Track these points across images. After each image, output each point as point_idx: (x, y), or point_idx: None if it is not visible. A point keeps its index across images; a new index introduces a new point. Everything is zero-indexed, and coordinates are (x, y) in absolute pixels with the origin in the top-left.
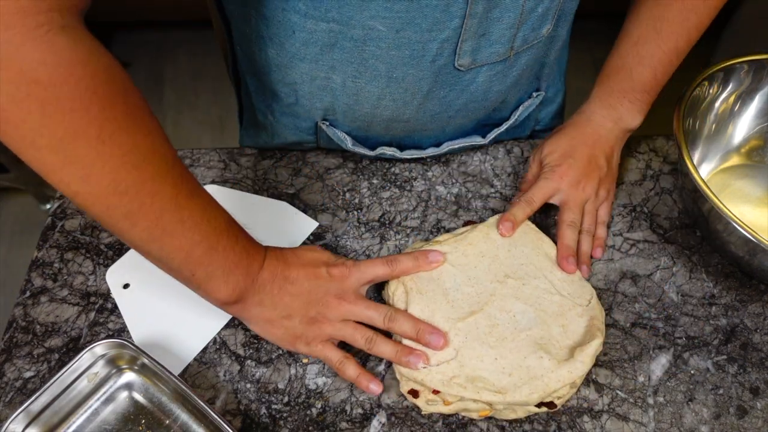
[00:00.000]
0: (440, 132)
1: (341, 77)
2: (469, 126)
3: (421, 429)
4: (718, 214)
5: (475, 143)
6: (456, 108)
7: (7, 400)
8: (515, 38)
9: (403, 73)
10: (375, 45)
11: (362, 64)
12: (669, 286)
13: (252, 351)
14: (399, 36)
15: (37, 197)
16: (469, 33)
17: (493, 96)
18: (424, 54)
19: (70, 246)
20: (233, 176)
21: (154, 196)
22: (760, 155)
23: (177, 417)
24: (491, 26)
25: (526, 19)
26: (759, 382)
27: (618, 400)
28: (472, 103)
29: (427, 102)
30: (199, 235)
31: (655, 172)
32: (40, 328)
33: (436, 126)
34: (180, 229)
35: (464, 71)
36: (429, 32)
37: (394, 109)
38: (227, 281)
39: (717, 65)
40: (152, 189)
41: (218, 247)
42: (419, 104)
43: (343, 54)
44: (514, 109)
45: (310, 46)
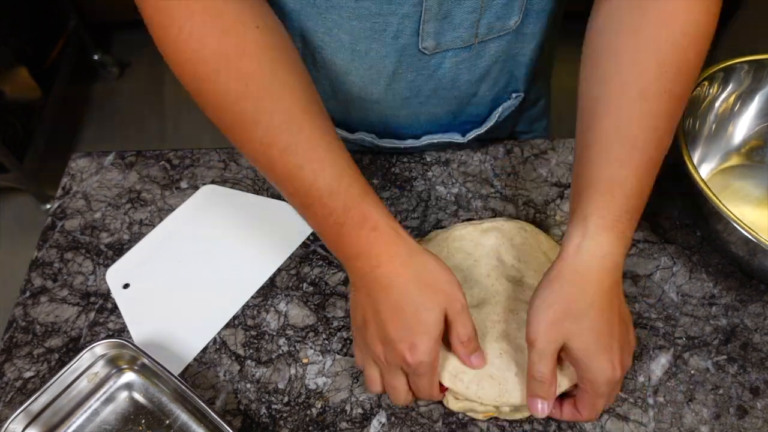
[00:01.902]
0: (415, 120)
1: (310, 48)
2: (444, 118)
3: (421, 429)
4: (718, 214)
5: (454, 140)
6: (425, 94)
7: (7, 400)
8: (479, 24)
9: (366, 47)
10: (336, 13)
11: (327, 33)
12: (669, 286)
13: (252, 351)
14: (358, 5)
15: (37, 197)
16: (431, 14)
17: (463, 85)
18: (385, 29)
19: (70, 246)
20: (233, 176)
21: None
22: (760, 155)
23: (177, 417)
24: (453, 9)
25: (489, 5)
26: (759, 382)
27: (618, 400)
28: (442, 90)
29: (394, 83)
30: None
31: None
32: (40, 328)
33: (409, 112)
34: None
35: (429, 55)
36: (388, 5)
37: (361, 87)
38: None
39: (717, 65)
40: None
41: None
42: (386, 84)
43: (308, 22)
44: (493, 109)
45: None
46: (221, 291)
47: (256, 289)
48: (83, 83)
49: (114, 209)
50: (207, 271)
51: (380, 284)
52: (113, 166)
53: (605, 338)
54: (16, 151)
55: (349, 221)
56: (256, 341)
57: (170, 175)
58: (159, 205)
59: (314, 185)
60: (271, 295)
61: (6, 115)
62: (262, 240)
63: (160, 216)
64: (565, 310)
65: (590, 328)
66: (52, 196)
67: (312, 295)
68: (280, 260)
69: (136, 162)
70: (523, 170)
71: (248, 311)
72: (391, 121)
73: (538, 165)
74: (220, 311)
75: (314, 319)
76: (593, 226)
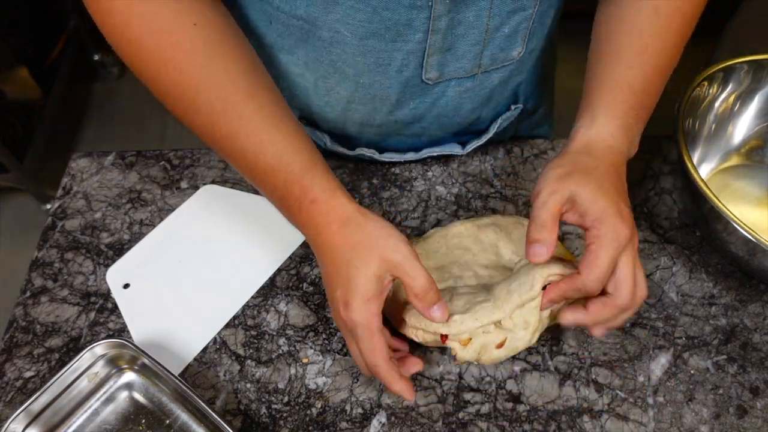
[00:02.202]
0: (416, 140)
1: (313, 76)
2: (445, 137)
3: (421, 429)
4: (718, 214)
5: (454, 152)
6: (428, 120)
7: (7, 400)
8: (482, 56)
9: (370, 80)
10: (341, 49)
11: (331, 65)
12: (669, 286)
13: (252, 351)
14: (363, 44)
15: (37, 197)
16: (434, 48)
17: (465, 113)
18: (389, 63)
19: (70, 246)
20: (233, 176)
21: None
22: (760, 155)
23: (177, 417)
24: (456, 42)
25: (492, 38)
26: (759, 382)
27: (618, 400)
28: (444, 118)
29: (396, 111)
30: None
31: (655, 172)
32: (40, 328)
33: (411, 133)
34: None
35: (432, 84)
36: (393, 43)
37: (364, 113)
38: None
39: (717, 65)
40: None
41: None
42: (389, 111)
43: (314, 52)
44: (492, 121)
45: (286, 38)
46: (221, 291)
47: (256, 289)
48: (83, 83)
49: (114, 209)
50: (207, 271)
51: (322, 251)
52: (113, 166)
53: (612, 194)
54: (16, 151)
55: (290, 196)
56: (256, 341)
57: (170, 175)
58: (159, 205)
59: (257, 166)
60: (271, 295)
61: (6, 115)
62: (262, 240)
63: (160, 216)
64: (573, 169)
65: (596, 183)
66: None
67: (312, 295)
68: (280, 260)
69: (136, 162)
70: (523, 170)
71: (248, 311)
72: (392, 141)
73: (538, 165)
74: (220, 311)
75: (314, 319)
76: (601, 116)
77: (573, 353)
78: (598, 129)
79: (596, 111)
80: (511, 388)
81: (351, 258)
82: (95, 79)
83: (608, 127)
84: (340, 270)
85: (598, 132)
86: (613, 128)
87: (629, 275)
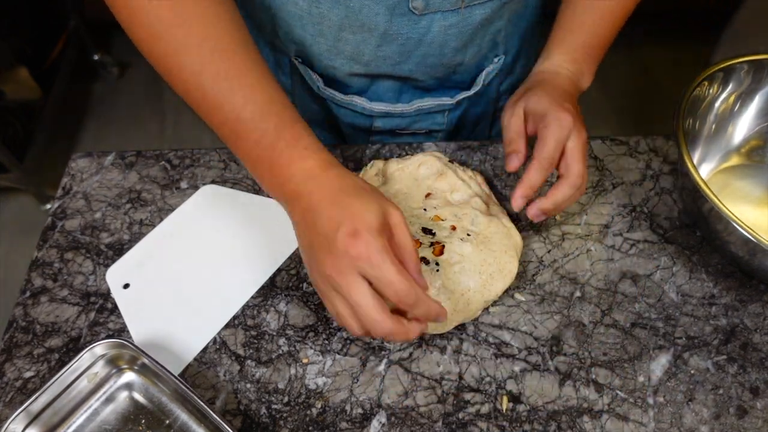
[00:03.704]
0: (404, 87)
1: (306, 2)
2: (433, 86)
3: (421, 429)
4: (718, 214)
5: (443, 103)
6: (415, 60)
7: (7, 400)
8: None
9: (359, 4)
10: None
11: None
12: (669, 286)
13: (252, 351)
14: None
15: (37, 197)
16: None
17: (449, 53)
18: None
19: (70, 246)
20: (233, 176)
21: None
22: (760, 155)
23: (177, 417)
24: None
25: None
26: (759, 382)
27: (618, 400)
28: (431, 57)
29: (384, 44)
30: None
31: (655, 172)
32: (40, 328)
33: (399, 76)
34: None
35: (419, 15)
36: None
37: (354, 46)
38: (254, 173)
39: (717, 65)
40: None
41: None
42: (377, 45)
43: None
44: (477, 74)
45: None
46: (221, 291)
47: (256, 289)
48: (83, 83)
49: (114, 209)
50: (207, 271)
51: (318, 194)
52: (113, 166)
53: (555, 96)
54: (16, 151)
55: (281, 141)
56: (256, 341)
57: (170, 175)
58: (159, 205)
59: (246, 108)
60: (271, 295)
61: (6, 115)
62: (262, 240)
63: (160, 216)
64: (524, 91)
65: (542, 92)
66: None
67: (312, 295)
68: (280, 260)
69: (136, 162)
70: (522, 170)
71: (248, 311)
72: (381, 87)
73: None
74: (220, 311)
75: (314, 319)
76: (554, 55)
77: (573, 353)
78: (551, 62)
79: (550, 50)
80: (511, 388)
81: (354, 195)
82: (95, 79)
83: (557, 60)
84: (343, 204)
85: (550, 64)
86: (562, 61)
87: (577, 156)
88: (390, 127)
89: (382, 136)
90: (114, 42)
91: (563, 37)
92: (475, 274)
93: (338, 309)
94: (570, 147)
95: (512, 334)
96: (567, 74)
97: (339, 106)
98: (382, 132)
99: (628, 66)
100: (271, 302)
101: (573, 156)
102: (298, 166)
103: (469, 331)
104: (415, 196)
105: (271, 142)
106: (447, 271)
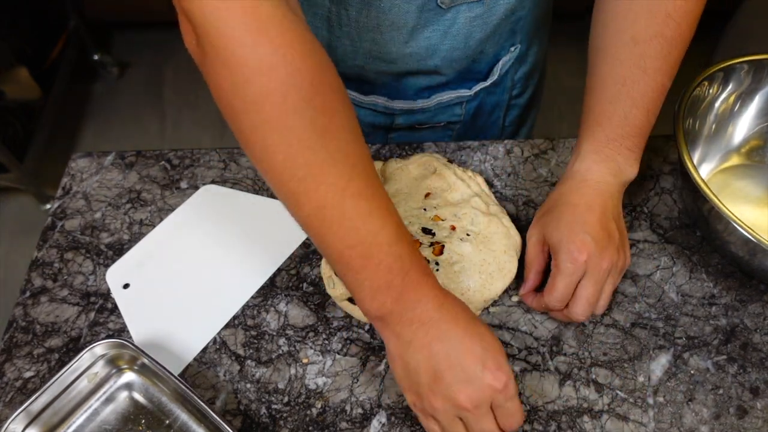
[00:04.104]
0: (428, 82)
1: (336, 7)
2: (453, 79)
3: (421, 429)
4: (718, 214)
5: (461, 95)
6: (441, 54)
7: (7, 400)
8: None
9: (390, 4)
10: None
11: None
12: (669, 286)
13: (252, 351)
14: None
15: (37, 197)
16: None
17: (474, 44)
18: None
19: (70, 246)
20: (233, 176)
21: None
22: (760, 155)
23: (177, 417)
24: None
25: None
26: (759, 382)
27: (618, 400)
28: (456, 51)
29: (412, 41)
30: (354, 240)
31: (655, 172)
32: (40, 328)
33: (425, 70)
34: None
35: (445, 9)
36: None
37: (382, 44)
38: (373, 297)
39: (717, 65)
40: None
41: (371, 258)
42: (405, 42)
43: None
44: (494, 64)
45: None
46: (221, 291)
47: (256, 289)
48: (83, 83)
49: (114, 209)
50: (207, 271)
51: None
52: (113, 166)
53: (572, 225)
54: (16, 151)
55: (415, 267)
56: (256, 341)
57: (170, 175)
58: (159, 205)
59: (383, 230)
60: (271, 295)
61: (6, 115)
62: (262, 240)
63: (160, 216)
64: (547, 210)
65: (559, 220)
66: (52, 196)
67: (312, 295)
68: (280, 260)
69: (136, 162)
70: (523, 170)
71: (248, 311)
72: (403, 84)
73: (538, 165)
74: (220, 311)
75: (314, 319)
76: (584, 151)
77: (573, 353)
78: (581, 164)
79: (581, 147)
80: None
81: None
82: (95, 79)
83: (589, 162)
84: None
85: (579, 166)
86: (593, 162)
87: (585, 296)
88: (410, 123)
89: (400, 131)
90: (114, 42)
91: (591, 131)
92: (475, 274)
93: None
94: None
95: (512, 334)
96: (597, 179)
97: (359, 107)
98: (401, 128)
99: None
100: (271, 302)
101: (581, 295)
102: (429, 292)
103: None
104: (414, 196)
105: (404, 266)
106: (447, 270)
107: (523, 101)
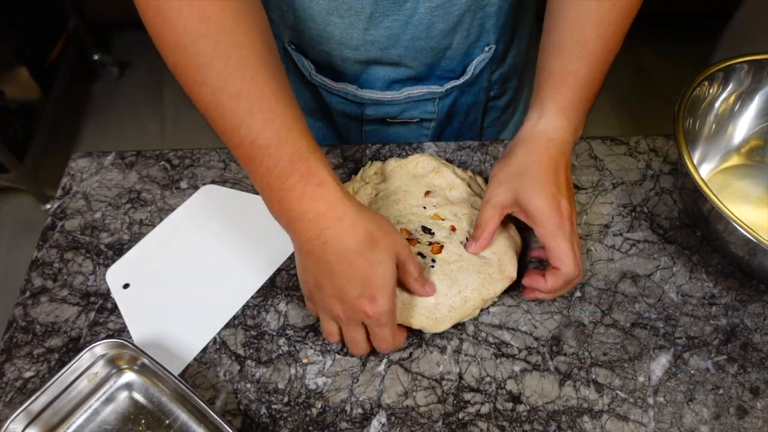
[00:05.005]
0: (394, 72)
1: None
2: (423, 72)
3: (421, 429)
4: (718, 214)
5: (433, 91)
6: (403, 44)
7: (7, 400)
8: None
9: None
10: None
11: None
12: (669, 286)
13: (252, 351)
14: None
15: (37, 197)
16: None
17: (437, 35)
18: None
19: (70, 246)
20: (233, 176)
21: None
22: (760, 155)
23: (177, 417)
24: None
25: None
26: (759, 382)
27: (618, 400)
28: (418, 41)
29: (372, 28)
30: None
31: (655, 172)
32: (40, 328)
33: (389, 61)
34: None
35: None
36: None
37: (342, 28)
38: (263, 196)
39: (717, 65)
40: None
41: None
42: (365, 28)
43: None
44: (467, 62)
45: None
46: (221, 291)
47: (256, 289)
48: (83, 83)
49: (114, 209)
50: (207, 271)
51: (332, 247)
52: (113, 166)
53: (549, 187)
54: (16, 151)
55: (295, 174)
56: (256, 341)
57: (170, 175)
58: (159, 205)
59: (262, 133)
60: (271, 295)
61: (6, 115)
62: (262, 240)
63: (160, 216)
64: (514, 171)
65: (534, 181)
66: (52, 196)
67: None
68: (280, 260)
69: (136, 162)
70: None
71: (248, 311)
72: (370, 74)
73: None
74: (220, 311)
75: (314, 319)
76: (549, 109)
77: (573, 353)
78: (546, 122)
79: (545, 104)
80: (511, 388)
81: (368, 253)
82: (95, 79)
83: (555, 120)
84: (356, 265)
85: (545, 125)
86: (557, 120)
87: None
88: (381, 115)
89: (373, 125)
90: (114, 42)
91: (558, 90)
92: (474, 273)
93: (327, 326)
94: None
95: (512, 334)
96: (563, 138)
97: (330, 94)
98: (373, 121)
99: (629, 66)
100: (271, 302)
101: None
102: (310, 206)
103: (469, 331)
104: (414, 194)
105: (283, 171)
106: (444, 268)
107: (502, 103)
